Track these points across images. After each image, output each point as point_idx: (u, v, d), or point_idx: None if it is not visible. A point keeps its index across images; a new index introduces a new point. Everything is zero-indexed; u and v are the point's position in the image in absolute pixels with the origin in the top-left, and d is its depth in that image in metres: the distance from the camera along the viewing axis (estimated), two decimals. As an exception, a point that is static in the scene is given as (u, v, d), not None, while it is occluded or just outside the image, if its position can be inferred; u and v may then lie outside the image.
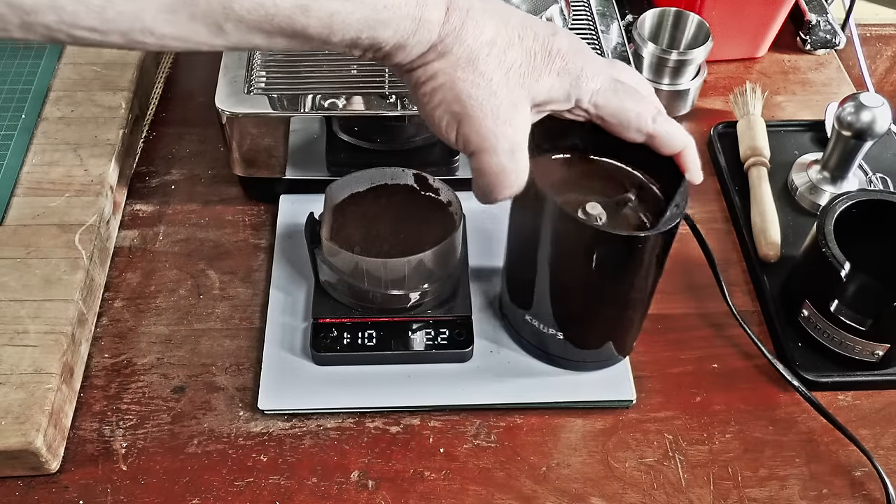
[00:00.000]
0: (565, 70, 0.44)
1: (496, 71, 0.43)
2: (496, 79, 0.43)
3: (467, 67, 0.42)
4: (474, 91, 0.42)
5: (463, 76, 0.42)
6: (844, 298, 0.60)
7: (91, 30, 0.36)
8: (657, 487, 0.57)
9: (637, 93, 0.47)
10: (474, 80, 0.42)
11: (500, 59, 0.43)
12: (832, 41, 0.90)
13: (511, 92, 0.43)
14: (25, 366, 0.57)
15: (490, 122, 0.43)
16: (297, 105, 0.65)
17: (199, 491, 0.56)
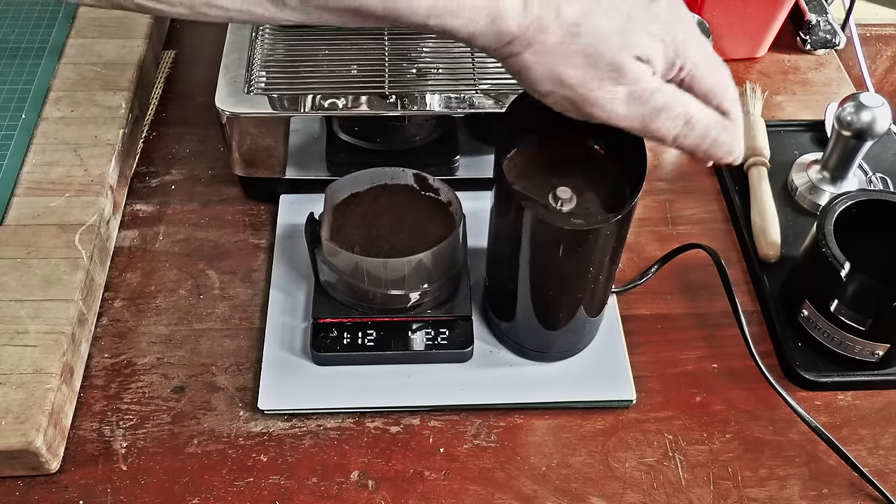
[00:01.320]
0: (665, 34, 0.42)
1: (593, 47, 0.41)
2: (592, 56, 0.41)
3: (559, 52, 0.41)
4: (574, 72, 0.41)
5: (558, 61, 0.41)
6: (844, 298, 0.60)
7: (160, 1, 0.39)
8: (657, 487, 0.57)
9: (727, 71, 0.46)
10: (572, 62, 0.41)
11: (586, 35, 0.41)
12: (832, 41, 0.90)
13: (614, 60, 0.41)
14: (25, 366, 0.57)
15: (603, 94, 0.42)
16: (297, 105, 0.65)
17: (199, 491, 0.56)
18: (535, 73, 0.42)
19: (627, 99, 0.42)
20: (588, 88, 0.42)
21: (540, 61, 0.41)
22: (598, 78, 0.41)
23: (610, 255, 0.54)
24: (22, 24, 0.81)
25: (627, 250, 0.71)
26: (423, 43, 0.71)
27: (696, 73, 0.43)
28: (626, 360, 0.62)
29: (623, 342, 0.63)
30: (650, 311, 0.67)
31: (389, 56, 0.69)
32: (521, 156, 0.55)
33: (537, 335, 0.60)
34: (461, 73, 0.68)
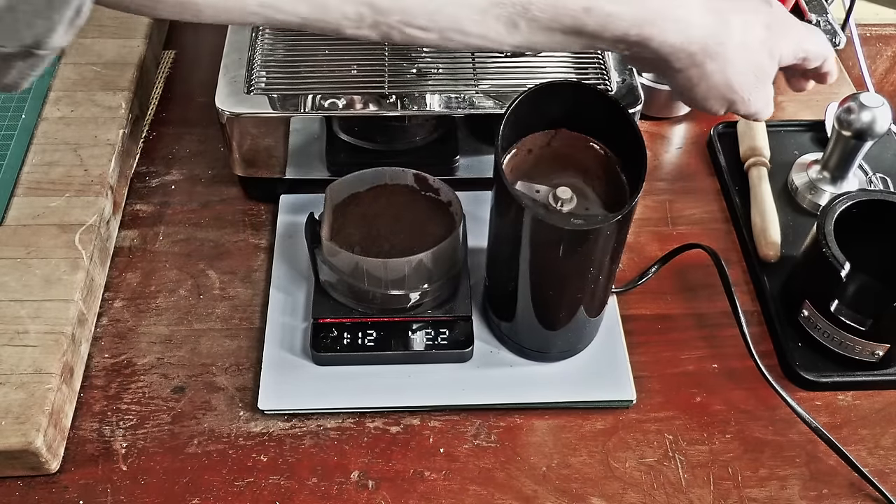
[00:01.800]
0: (790, 37, 0.51)
1: (754, 55, 0.49)
2: (753, 63, 0.49)
3: (733, 64, 0.48)
4: (741, 78, 0.49)
5: (732, 70, 0.48)
6: (844, 298, 0.60)
7: (421, 28, 0.43)
8: (657, 487, 0.57)
9: (824, 42, 0.54)
10: (742, 70, 0.48)
11: (750, 46, 0.48)
12: (832, 41, 0.90)
13: (764, 66, 0.50)
14: (25, 366, 0.57)
15: (755, 95, 0.50)
16: (297, 105, 0.65)
17: (199, 491, 0.56)
18: (713, 80, 0.48)
19: (767, 95, 0.51)
20: (749, 92, 0.50)
21: (719, 69, 0.48)
22: (756, 82, 0.50)
23: (610, 256, 0.54)
24: (22, 24, 0.81)
25: (627, 250, 0.71)
26: (423, 43, 0.70)
27: (808, 57, 0.52)
28: (626, 360, 0.62)
29: (623, 342, 0.63)
30: (650, 311, 0.67)
31: (389, 56, 0.69)
32: (522, 156, 0.55)
33: (537, 335, 0.60)
34: (461, 73, 0.68)
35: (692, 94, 0.50)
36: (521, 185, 0.53)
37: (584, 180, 0.54)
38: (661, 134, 0.82)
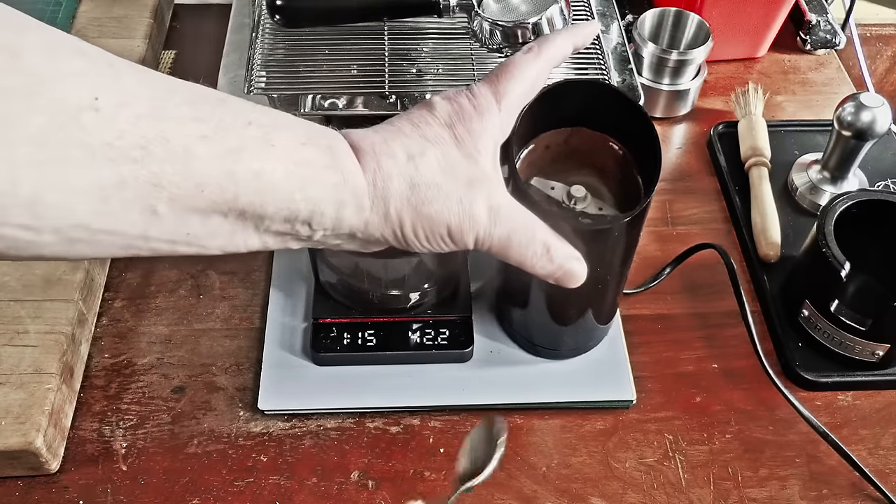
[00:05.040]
0: (479, 118, 0.44)
1: (435, 175, 0.41)
2: (441, 181, 0.41)
3: (414, 196, 0.41)
4: (437, 205, 0.41)
5: (418, 202, 0.41)
6: (844, 298, 0.60)
7: (23, 227, 0.32)
8: (657, 487, 0.57)
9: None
10: (432, 197, 0.41)
11: (427, 164, 0.41)
12: (832, 41, 0.90)
13: (459, 177, 0.42)
14: (25, 366, 0.57)
15: (467, 224, 0.42)
16: (297, 105, 0.65)
17: (199, 491, 0.56)
18: (409, 226, 0.42)
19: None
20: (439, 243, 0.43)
21: (408, 213, 0.42)
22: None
23: (621, 257, 0.53)
24: (22, 24, 0.81)
25: (627, 250, 0.71)
26: (423, 43, 0.70)
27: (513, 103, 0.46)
28: (626, 360, 0.62)
29: (623, 342, 0.63)
30: (650, 311, 0.67)
31: (389, 56, 0.69)
32: (539, 152, 0.54)
33: (549, 332, 0.61)
34: (461, 73, 0.68)
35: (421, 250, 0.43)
36: (536, 182, 0.52)
37: (600, 179, 0.53)
38: (661, 134, 0.82)
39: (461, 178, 0.42)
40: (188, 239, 0.37)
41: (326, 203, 0.39)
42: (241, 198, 0.37)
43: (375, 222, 0.41)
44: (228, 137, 0.36)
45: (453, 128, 0.43)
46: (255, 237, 0.39)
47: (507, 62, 0.46)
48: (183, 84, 0.37)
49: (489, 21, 0.64)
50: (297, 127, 0.40)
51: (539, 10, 0.63)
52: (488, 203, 0.42)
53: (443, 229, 0.42)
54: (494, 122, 0.44)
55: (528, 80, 0.45)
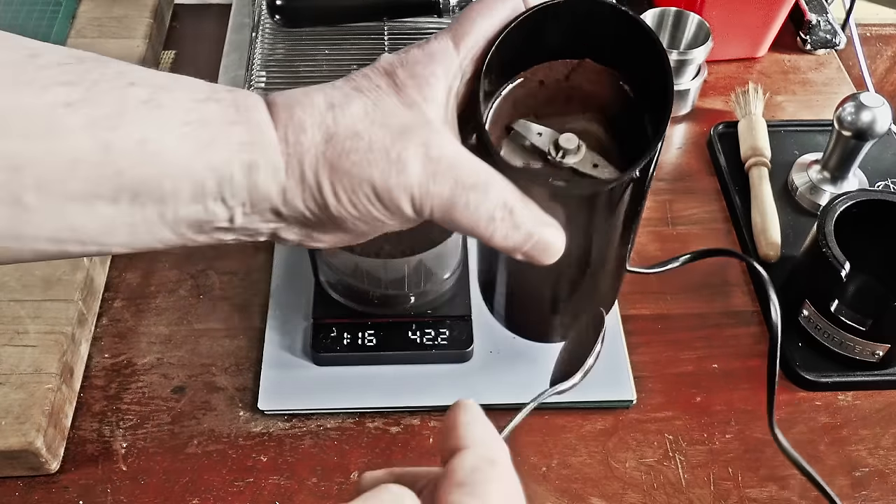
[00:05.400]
0: (428, 62, 0.37)
1: (357, 123, 0.35)
2: (364, 129, 0.34)
3: (330, 149, 0.34)
4: (357, 157, 0.34)
5: (334, 154, 0.34)
6: (844, 298, 0.60)
7: None
8: (657, 487, 0.57)
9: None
10: (351, 147, 0.34)
11: (350, 112, 0.35)
12: (832, 41, 0.90)
13: (390, 126, 0.35)
14: (25, 366, 0.57)
15: (396, 179, 0.34)
16: (297, 105, 0.65)
17: (199, 491, 0.56)
18: (328, 188, 0.36)
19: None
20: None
21: (327, 171, 0.35)
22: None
23: (616, 231, 0.43)
24: (22, 23, 0.81)
25: (627, 250, 0.71)
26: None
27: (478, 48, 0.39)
28: (626, 360, 0.62)
29: (623, 342, 0.63)
30: (650, 311, 0.67)
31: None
32: (530, 88, 0.43)
33: (531, 315, 0.52)
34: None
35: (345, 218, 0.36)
36: (519, 126, 0.42)
37: (605, 128, 0.42)
38: (661, 134, 0.82)
39: (392, 127, 0.35)
40: (76, 236, 0.32)
41: (234, 166, 0.33)
42: (127, 174, 0.31)
43: (293, 188, 0.34)
44: (103, 101, 0.30)
45: (393, 75, 0.36)
46: (165, 229, 0.33)
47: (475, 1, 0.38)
48: (53, 48, 0.32)
49: (489, 21, 0.64)
50: (197, 84, 0.34)
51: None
52: (424, 152, 0.34)
53: (367, 188, 0.34)
54: (448, 66, 0.36)
55: (498, 17, 0.38)
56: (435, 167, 0.34)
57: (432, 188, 0.34)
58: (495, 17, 0.38)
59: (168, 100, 0.32)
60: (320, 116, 0.34)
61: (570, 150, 0.40)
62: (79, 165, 0.30)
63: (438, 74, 0.36)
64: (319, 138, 0.34)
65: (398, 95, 0.36)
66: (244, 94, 0.35)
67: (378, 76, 0.36)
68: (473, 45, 0.37)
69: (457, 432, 0.29)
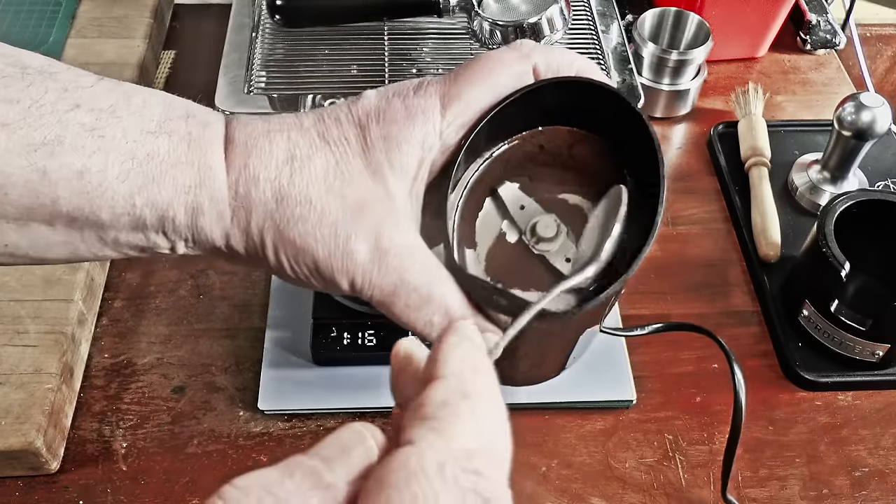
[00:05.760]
0: (405, 122, 0.34)
1: (312, 187, 0.32)
2: (317, 197, 0.32)
3: (279, 211, 0.32)
4: (304, 228, 0.32)
5: (282, 219, 0.32)
6: (844, 298, 0.60)
7: None
8: (657, 487, 0.57)
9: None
10: (300, 216, 0.32)
11: (308, 172, 0.32)
12: (832, 41, 0.90)
13: (346, 197, 0.32)
14: (25, 366, 0.57)
15: (340, 262, 0.32)
16: (297, 105, 0.65)
17: (199, 491, 0.56)
18: (271, 247, 0.34)
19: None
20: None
21: (270, 227, 0.34)
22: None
23: (575, 338, 0.39)
24: (22, 24, 0.81)
25: (627, 250, 0.71)
26: (423, 43, 0.70)
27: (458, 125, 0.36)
28: (626, 360, 0.62)
29: (623, 342, 0.63)
30: (650, 311, 0.67)
31: (389, 56, 0.69)
32: (529, 149, 0.40)
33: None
34: (461, 73, 0.68)
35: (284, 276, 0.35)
36: (506, 192, 0.39)
37: (590, 208, 0.39)
38: (661, 134, 0.82)
39: (349, 198, 0.32)
40: (9, 250, 0.31)
41: (177, 208, 0.31)
42: (63, 203, 0.29)
43: (237, 236, 0.33)
44: (42, 125, 0.29)
45: (366, 129, 0.33)
46: (106, 249, 0.32)
47: (478, 57, 0.35)
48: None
49: (489, 21, 0.64)
50: (150, 109, 0.32)
51: (539, 10, 0.63)
52: (374, 240, 0.32)
53: (309, 261, 0.32)
54: (428, 131, 0.33)
55: (499, 87, 0.35)
56: (382, 259, 0.32)
57: (375, 279, 0.32)
58: (494, 86, 0.35)
59: (114, 129, 0.30)
60: (276, 171, 0.32)
61: (546, 238, 0.38)
62: (9, 190, 0.28)
63: (413, 141, 0.33)
64: (270, 196, 0.32)
65: (365, 155, 0.33)
66: (202, 123, 0.33)
67: (350, 126, 0.33)
68: (461, 113, 0.34)
69: (435, 358, 0.26)
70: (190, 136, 0.32)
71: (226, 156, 0.32)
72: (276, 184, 0.32)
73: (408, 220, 0.33)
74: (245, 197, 0.32)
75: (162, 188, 0.31)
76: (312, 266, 0.33)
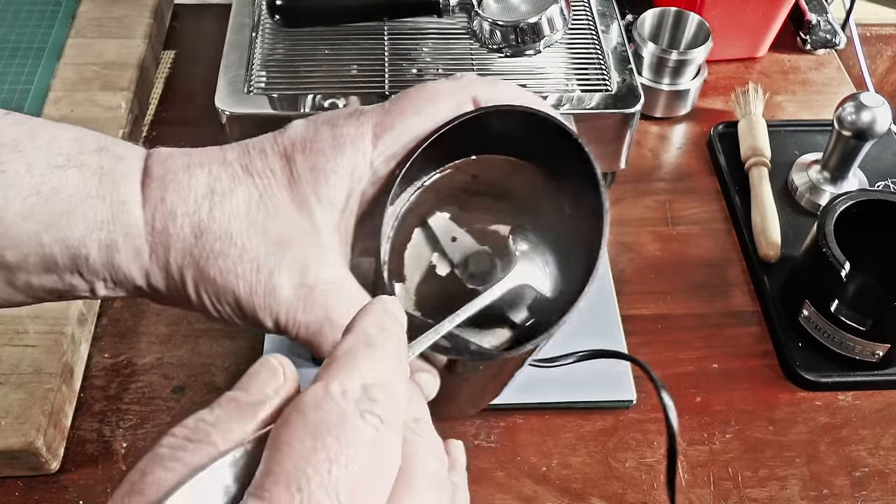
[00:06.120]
0: (333, 153, 0.32)
1: (233, 221, 0.31)
2: (238, 232, 0.31)
3: (199, 247, 0.31)
4: (225, 264, 0.30)
5: (202, 255, 0.31)
6: (844, 298, 0.60)
7: None
8: (657, 487, 0.57)
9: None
10: (220, 251, 0.30)
11: (229, 206, 0.31)
12: (832, 41, 0.90)
13: (269, 231, 0.31)
14: (25, 366, 0.57)
15: (262, 299, 0.31)
16: (297, 105, 0.65)
17: (199, 491, 0.56)
18: (191, 284, 0.32)
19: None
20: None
21: (188, 262, 0.32)
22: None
23: (506, 377, 0.38)
24: (22, 24, 0.81)
25: (627, 250, 0.71)
26: (423, 43, 0.70)
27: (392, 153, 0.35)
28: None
29: (623, 342, 0.63)
30: (650, 311, 0.67)
31: (389, 56, 0.69)
32: (461, 179, 0.38)
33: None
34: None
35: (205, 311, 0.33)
36: (437, 223, 0.37)
37: (532, 241, 0.37)
38: (661, 134, 0.82)
39: (272, 233, 0.31)
40: None
41: (90, 245, 0.30)
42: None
43: (157, 275, 0.31)
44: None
45: (292, 161, 0.32)
46: (18, 295, 0.31)
47: (417, 87, 0.34)
48: None
49: (489, 21, 0.64)
50: (59, 143, 0.30)
51: (539, 10, 0.63)
52: (299, 276, 0.31)
53: (231, 299, 0.31)
54: (355, 164, 0.32)
55: (436, 116, 0.33)
56: (307, 295, 0.31)
57: (300, 317, 0.31)
58: (432, 115, 0.33)
59: (17, 164, 0.28)
60: (195, 205, 0.31)
61: (478, 273, 0.36)
62: None
63: (341, 172, 0.32)
64: (189, 231, 0.30)
65: (290, 189, 0.31)
66: (116, 156, 0.31)
67: (275, 157, 0.32)
68: (394, 143, 0.33)
69: (352, 320, 0.25)
70: (102, 170, 0.30)
71: (142, 190, 0.31)
72: (194, 218, 0.31)
73: (335, 255, 0.32)
74: (162, 232, 0.31)
75: (72, 224, 0.29)
76: (234, 304, 0.31)
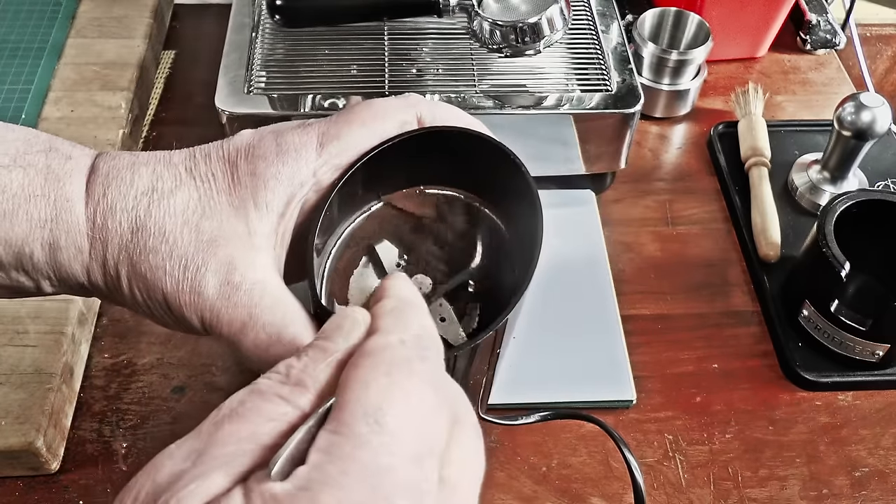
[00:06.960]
0: (275, 159, 0.33)
1: (168, 219, 0.31)
2: (171, 230, 0.31)
3: (133, 242, 0.31)
4: (155, 260, 0.31)
5: (135, 250, 0.31)
6: (844, 298, 0.60)
7: None
8: (657, 487, 0.57)
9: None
10: (152, 247, 0.31)
11: (167, 205, 0.31)
12: (832, 41, 0.90)
13: (201, 231, 0.31)
14: (25, 366, 0.57)
15: (188, 296, 0.31)
16: (297, 105, 0.65)
17: (199, 491, 0.56)
18: (125, 281, 0.33)
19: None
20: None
21: (123, 259, 0.33)
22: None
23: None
24: (22, 24, 0.81)
25: (627, 250, 0.71)
26: (423, 43, 0.71)
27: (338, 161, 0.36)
28: (626, 360, 0.62)
29: (623, 342, 0.63)
30: (650, 311, 0.67)
31: (389, 56, 0.69)
32: (395, 214, 0.39)
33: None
34: (461, 73, 0.68)
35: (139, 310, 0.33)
36: (383, 250, 0.38)
37: (473, 270, 0.39)
38: (661, 134, 0.82)
39: (204, 233, 0.31)
40: None
41: (34, 244, 0.30)
42: None
43: (96, 271, 0.32)
44: None
45: (234, 166, 0.33)
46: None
47: (363, 102, 0.35)
48: None
49: (489, 21, 0.64)
50: (5, 145, 0.31)
51: (539, 10, 0.63)
52: (225, 274, 0.31)
53: (158, 295, 0.31)
54: (299, 168, 0.33)
55: (381, 131, 0.34)
56: (232, 294, 0.31)
57: (223, 315, 0.31)
58: (377, 129, 0.34)
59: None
60: (134, 201, 0.31)
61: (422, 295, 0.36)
62: None
63: (281, 178, 0.32)
64: (126, 227, 0.31)
65: (230, 193, 0.32)
66: (64, 156, 0.32)
67: (219, 162, 0.33)
68: (339, 154, 0.34)
69: (384, 286, 0.30)
70: (48, 169, 0.31)
71: (87, 187, 0.31)
72: (132, 214, 0.31)
73: (266, 258, 0.32)
74: (101, 228, 0.31)
75: (15, 224, 0.30)
76: (162, 300, 0.31)
